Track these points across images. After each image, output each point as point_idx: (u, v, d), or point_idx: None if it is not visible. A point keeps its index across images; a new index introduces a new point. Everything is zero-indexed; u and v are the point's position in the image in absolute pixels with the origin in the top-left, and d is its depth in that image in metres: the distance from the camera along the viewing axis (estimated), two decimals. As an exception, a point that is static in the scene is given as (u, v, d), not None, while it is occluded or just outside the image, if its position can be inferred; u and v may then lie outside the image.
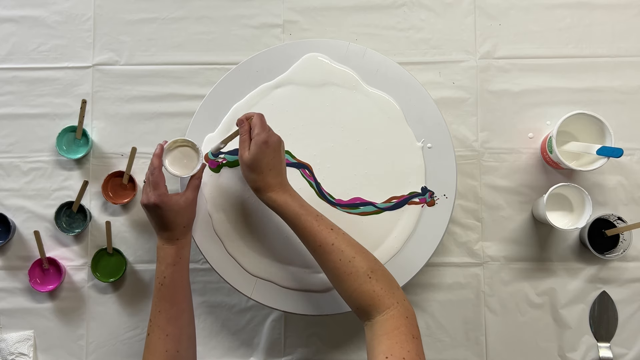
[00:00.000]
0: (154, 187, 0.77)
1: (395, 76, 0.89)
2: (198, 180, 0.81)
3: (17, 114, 0.97)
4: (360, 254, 0.71)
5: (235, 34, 0.98)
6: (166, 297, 0.76)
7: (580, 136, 0.91)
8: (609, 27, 0.97)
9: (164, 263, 0.77)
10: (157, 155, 0.79)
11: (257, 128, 0.75)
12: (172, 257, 0.77)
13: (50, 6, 0.99)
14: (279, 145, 0.76)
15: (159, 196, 0.76)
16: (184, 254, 0.79)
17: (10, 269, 0.95)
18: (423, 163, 0.87)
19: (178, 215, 0.78)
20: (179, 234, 0.78)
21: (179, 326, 0.76)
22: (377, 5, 0.98)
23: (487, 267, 0.94)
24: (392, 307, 0.66)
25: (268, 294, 0.85)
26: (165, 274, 0.77)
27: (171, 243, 0.78)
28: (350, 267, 0.69)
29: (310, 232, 0.72)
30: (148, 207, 0.77)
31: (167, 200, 0.77)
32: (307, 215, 0.73)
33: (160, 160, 0.79)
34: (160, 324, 0.75)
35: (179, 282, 0.77)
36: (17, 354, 0.92)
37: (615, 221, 0.91)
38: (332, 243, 0.71)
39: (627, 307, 0.93)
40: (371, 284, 0.68)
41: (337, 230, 0.73)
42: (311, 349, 0.93)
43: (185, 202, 0.78)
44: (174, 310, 0.76)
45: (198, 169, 0.81)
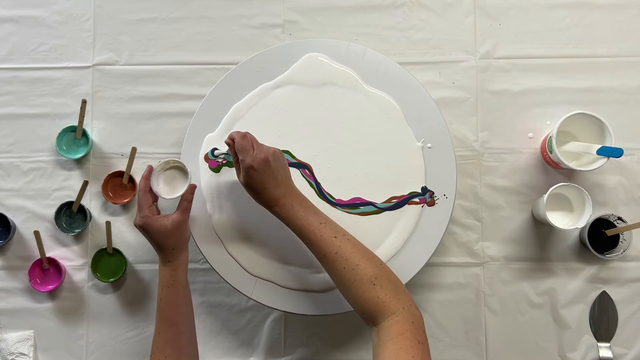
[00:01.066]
0: (139, 209, 0.78)
1: (395, 76, 0.89)
2: (187, 202, 0.80)
3: (17, 114, 0.97)
4: (365, 259, 0.70)
5: (235, 34, 0.98)
6: (164, 319, 0.77)
7: (580, 136, 0.91)
8: (609, 27, 0.97)
9: (160, 284, 0.78)
10: (144, 177, 0.80)
11: (241, 154, 0.75)
12: (166, 279, 0.78)
13: (50, 6, 0.99)
14: (268, 162, 0.74)
15: (142, 218, 0.77)
16: (178, 275, 0.78)
17: (10, 269, 0.95)
18: (423, 163, 0.87)
19: (165, 238, 0.77)
20: (169, 256, 0.78)
21: (177, 347, 0.76)
22: (377, 5, 0.98)
23: (487, 267, 0.94)
24: (397, 312, 0.66)
25: (268, 294, 0.85)
26: (162, 295, 0.77)
27: (165, 264, 0.78)
28: (354, 275, 0.69)
29: (314, 242, 0.73)
30: (137, 228, 0.78)
31: (151, 223, 0.77)
32: (309, 226, 0.73)
33: (146, 182, 0.80)
34: (159, 346, 0.76)
35: (175, 304, 0.77)
36: (17, 354, 0.92)
37: (615, 221, 0.91)
38: (336, 252, 0.71)
39: (627, 307, 0.93)
40: (375, 290, 0.67)
41: (341, 236, 0.73)
42: (311, 349, 0.93)
43: (172, 224, 0.77)
44: (172, 331, 0.76)
45: (185, 190, 0.80)
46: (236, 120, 0.88)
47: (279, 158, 0.76)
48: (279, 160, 0.76)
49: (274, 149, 0.77)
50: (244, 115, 0.88)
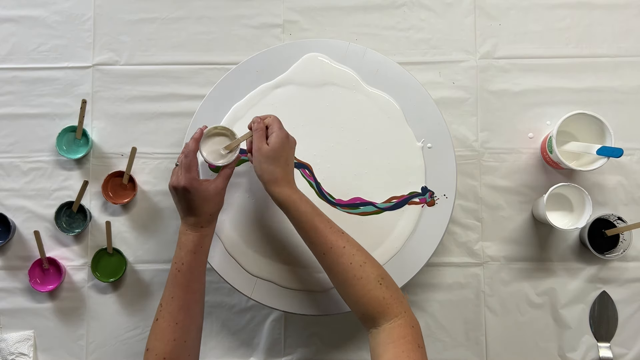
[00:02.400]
0: (186, 170, 0.75)
1: (395, 76, 0.89)
2: (230, 170, 0.79)
3: (17, 114, 0.97)
4: (370, 259, 0.70)
5: (235, 34, 0.98)
6: (181, 284, 0.74)
7: (580, 136, 0.91)
8: (609, 27, 0.97)
9: (184, 249, 0.75)
10: (195, 139, 0.78)
11: (277, 125, 0.77)
12: (193, 244, 0.75)
13: (50, 6, 0.99)
14: (294, 146, 0.77)
15: (190, 180, 0.75)
16: (206, 242, 0.77)
17: (10, 269, 0.95)
18: (423, 163, 0.87)
19: (205, 202, 0.76)
20: (203, 222, 0.77)
21: (190, 315, 0.74)
22: (377, 5, 0.98)
23: (487, 267, 0.94)
24: (399, 315, 0.66)
25: (268, 294, 0.85)
26: (184, 260, 0.75)
27: (195, 230, 0.76)
28: (362, 272, 0.69)
29: (322, 233, 0.72)
30: (177, 189, 0.76)
31: (197, 185, 0.75)
32: (319, 217, 0.73)
33: (196, 145, 0.78)
34: (171, 311, 0.73)
35: (196, 271, 0.76)
36: (17, 354, 0.92)
37: (615, 221, 0.91)
38: (344, 246, 0.71)
39: (627, 307, 0.93)
40: (382, 290, 0.67)
41: (346, 235, 0.73)
42: (311, 349, 0.93)
43: (215, 189, 0.76)
44: (188, 298, 0.74)
45: (233, 160, 0.79)
46: (236, 120, 0.88)
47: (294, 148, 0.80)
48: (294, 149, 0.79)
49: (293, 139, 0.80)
50: (244, 115, 0.88)
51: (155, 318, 0.74)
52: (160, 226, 0.95)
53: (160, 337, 0.72)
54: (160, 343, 0.72)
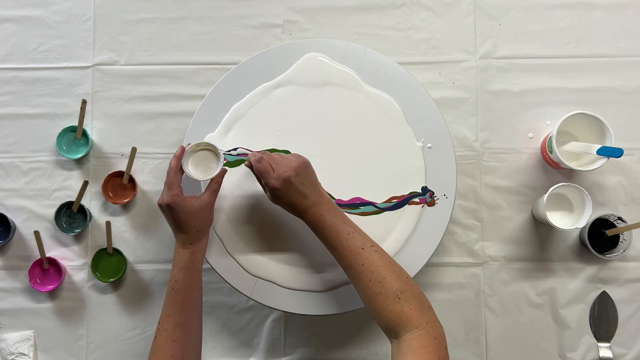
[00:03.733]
0: (168, 188, 0.77)
1: (395, 76, 0.89)
2: (216, 184, 0.79)
3: (17, 114, 0.97)
4: (391, 273, 0.70)
5: (235, 34, 0.98)
6: (176, 302, 0.76)
7: (580, 136, 0.91)
8: (609, 27, 0.97)
9: (177, 267, 0.77)
10: (176, 156, 0.79)
11: (263, 178, 0.76)
12: (184, 262, 0.77)
13: (50, 6, 0.99)
14: (290, 180, 0.74)
15: (172, 197, 0.76)
16: (197, 259, 0.78)
17: (10, 269, 0.95)
18: (423, 163, 0.87)
19: (191, 218, 0.77)
20: (192, 238, 0.77)
21: (186, 332, 0.75)
22: (377, 5, 0.98)
23: (487, 267, 0.94)
24: (420, 327, 0.66)
25: (268, 294, 0.85)
26: (177, 277, 0.76)
27: (185, 247, 0.77)
28: (380, 288, 0.69)
29: (341, 252, 0.73)
30: (162, 207, 0.77)
31: (180, 202, 0.76)
32: (337, 236, 0.73)
33: (178, 162, 0.78)
34: (167, 329, 0.75)
35: (189, 288, 0.77)
36: (17, 354, 0.92)
37: (615, 221, 0.91)
38: (362, 264, 0.71)
39: (627, 307, 0.93)
40: (400, 304, 0.67)
41: (368, 247, 0.72)
42: (311, 349, 0.93)
43: (200, 205, 0.77)
44: (183, 315, 0.75)
45: (217, 173, 0.79)
46: (236, 120, 0.88)
47: (302, 170, 0.75)
48: (301, 173, 0.75)
49: (295, 162, 0.75)
50: (244, 115, 0.88)
51: (154, 336, 0.75)
52: (160, 226, 0.95)
53: (158, 355, 0.74)
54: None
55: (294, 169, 0.74)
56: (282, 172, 0.74)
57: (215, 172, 0.80)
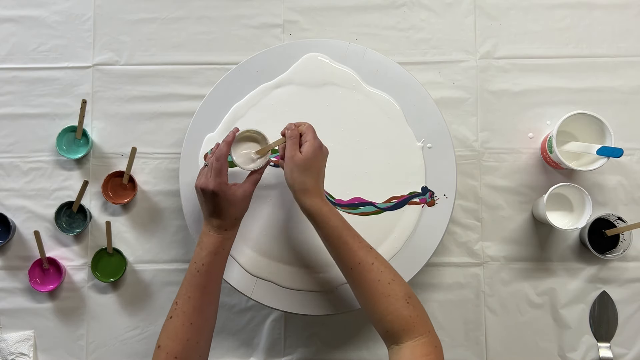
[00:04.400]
0: (216, 174, 0.75)
1: (395, 76, 0.89)
2: (259, 175, 0.79)
3: (17, 114, 0.97)
4: (397, 277, 0.70)
5: (235, 34, 0.98)
6: (199, 285, 0.74)
7: (580, 136, 0.91)
8: (609, 27, 0.97)
9: (205, 250, 0.75)
10: (227, 142, 0.77)
11: (311, 133, 0.76)
12: (215, 246, 0.75)
13: (50, 6, 0.99)
14: (327, 156, 0.76)
15: (219, 184, 0.74)
16: (227, 245, 0.77)
17: (10, 269, 0.95)
18: (423, 163, 0.87)
19: (232, 206, 0.76)
20: (227, 225, 0.76)
21: (204, 317, 0.74)
22: (377, 5, 0.98)
23: (487, 267, 0.94)
24: (424, 334, 0.66)
25: (268, 294, 0.85)
26: (204, 261, 0.74)
27: (218, 232, 0.76)
28: (389, 289, 0.68)
29: (351, 247, 0.72)
30: (205, 191, 0.75)
31: (226, 189, 0.75)
32: (348, 231, 0.73)
33: (228, 148, 0.77)
34: (186, 311, 0.73)
35: (215, 273, 0.75)
36: (17, 354, 0.92)
37: (615, 221, 0.91)
38: (372, 262, 0.70)
39: (627, 307, 0.93)
40: (408, 309, 0.67)
41: (375, 251, 0.73)
42: (311, 349, 0.93)
43: (243, 194, 0.76)
44: (204, 299, 0.74)
45: (263, 165, 0.79)
46: (236, 120, 0.88)
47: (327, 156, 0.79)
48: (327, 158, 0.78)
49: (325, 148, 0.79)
50: (244, 115, 0.89)
51: (169, 316, 0.73)
52: (160, 226, 0.95)
53: (173, 336, 0.72)
54: (172, 342, 0.71)
55: (327, 151, 0.78)
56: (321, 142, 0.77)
57: (263, 163, 0.79)
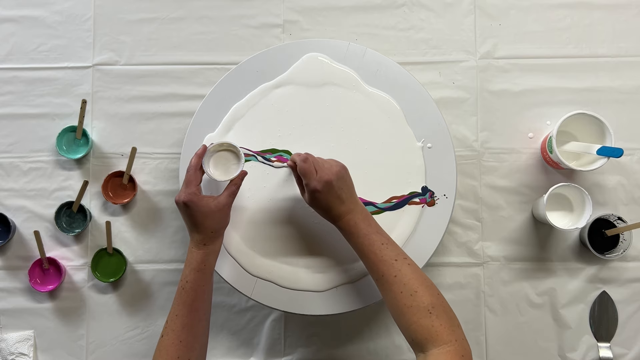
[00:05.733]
0: (186, 185, 0.76)
1: (395, 76, 0.89)
2: (235, 186, 0.78)
3: (17, 114, 0.97)
4: (424, 287, 0.70)
5: (235, 34, 0.98)
6: (185, 302, 0.75)
7: (580, 136, 0.91)
8: (609, 27, 0.97)
9: (189, 267, 0.76)
10: (198, 154, 0.78)
11: (305, 178, 0.75)
12: (197, 263, 0.76)
13: (50, 6, 0.99)
14: (331, 183, 0.74)
15: (189, 195, 0.75)
16: (210, 261, 0.77)
17: (10, 269, 0.95)
18: (423, 163, 0.87)
19: (207, 218, 0.76)
20: (206, 239, 0.76)
21: (193, 334, 0.74)
22: (377, 5, 0.98)
23: (487, 267, 0.94)
24: (449, 343, 0.66)
25: (268, 294, 0.85)
26: (188, 278, 0.75)
27: (198, 247, 0.76)
28: (411, 301, 0.68)
29: (373, 262, 0.72)
30: (178, 204, 0.76)
31: (197, 201, 0.75)
32: (371, 245, 0.73)
33: (199, 160, 0.78)
34: (175, 329, 0.74)
35: (200, 289, 0.76)
36: (17, 354, 0.92)
37: (615, 221, 0.91)
38: (395, 275, 0.70)
39: (627, 307, 0.93)
40: (431, 319, 0.67)
41: (401, 260, 0.72)
42: (311, 349, 0.93)
43: (217, 206, 0.76)
44: (191, 317, 0.75)
45: (236, 175, 0.79)
46: (236, 120, 0.88)
47: (343, 176, 0.76)
48: (342, 178, 0.76)
49: (337, 167, 0.76)
50: (244, 115, 0.89)
51: (161, 334, 0.75)
52: (160, 226, 0.95)
53: (164, 355, 0.73)
54: None
55: (335, 173, 0.75)
56: (324, 175, 0.74)
57: (234, 174, 0.79)
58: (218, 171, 0.80)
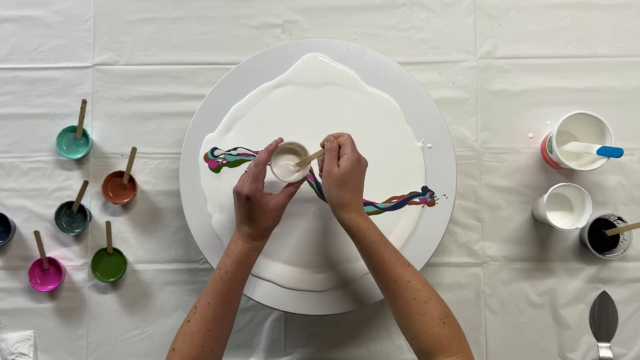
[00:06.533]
0: (253, 179, 0.75)
1: (395, 76, 0.89)
2: (294, 189, 0.78)
3: (17, 114, 0.97)
4: (435, 296, 0.69)
5: (235, 34, 0.98)
6: (220, 293, 0.73)
7: (580, 136, 0.91)
8: (609, 27, 0.97)
9: (231, 257, 0.75)
10: (269, 150, 0.77)
11: (350, 146, 0.75)
12: (240, 255, 0.75)
13: (50, 6, 0.99)
14: (365, 169, 0.75)
15: (254, 190, 0.74)
16: (253, 256, 0.77)
17: (10, 269, 0.95)
18: (423, 163, 0.87)
19: (263, 215, 0.75)
20: (256, 235, 0.76)
21: (221, 325, 0.73)
22: (377, 5, 0.98)
23: (487, 267, 0.94)
24: (458, 354, 0.65)
25: (268, 294, 0.85)
26: (228, 269, 0.74)
27: (246, 241, 0.76)
28: (425, 308, 0.67)
29: (388, 264, 0.71)
30: (239, 195, 0.75)
31: (260, 197, 0.75)
32: (386, 247, 0.72)
33: (268, 156, 0.77)
34: (205, 316, 0.72)
35: (237, 283, 0.75)
36: (17, 354, 0.92)
37: (615, 221, 0.91)
38: (409, 280, 0.69)
39: (627, 307, 0.93)
40: (444, 328, 0.66)
41: (413, 268, 0.72)
42: (311, 349, 0.93)
43: (275, 205, 0.75)
44: (223, 308, 0.73)
45: (299, 179, 0.78)
46: (236, 120, 0.88)
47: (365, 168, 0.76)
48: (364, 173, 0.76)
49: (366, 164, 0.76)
50: (244, 115, 0.89)
51: (187, 319, 0.73)
52: (160, 226, 0.95)
53: (189, 341, 0.71)
54: (188, 347, 0.71)
55: (366, 164, 0.75)
56: (361, 156, 0.75)
57: (298, 176, 0.78)
58: (279, 170, 0.79)
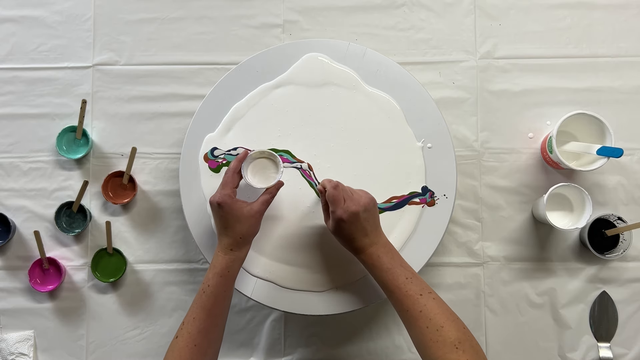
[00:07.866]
0: (222, 187, 0.76)
1: (395, 76, 0.89)
2: (270, 195, 0.78)
3: (17, 114, 0.97)
4: (450, 322, 0.69)
5: (235, 34, 0.98)
6: (204, 307, 0.74)
7: (580, 136, 0.91)
8: (609, 27, 0.97)
9: (212, 270, 0.75)
10: (239, 159, 0.78)
11: (332, 205, 0.75)
12: (221, 268, 0.75)
13: (50, 6, 0.99)
14: (357, 215, 0.74)
15: (223, 196, 0.75)
16: (234, 268, 0.76)
17: (10, 269, 0.95)
18: (423, 163, 0.87)
19: (237, 222, 0.75)
20: (234, 244, 0.76)
21: (208, 339, 0.74)
22: (377, 5, 0.98)
23: (487, 267, 0.94)
24: None
25: (268, 294, 0.85)
26: (210, 282, 0.75)
27: (225, 252, 0.76)
28: (437, 336, 0.67)
29: (398, 297, 0.71)
30: (212, 204, 0.76)
31: (230, 203, 0.75)
32: (395, 280, 0.72)
33: (238, 164, 0.78)
34: (191, 332, 0.73)
35: (221, 295, 0.75)
36: (17, 354, 0.92)
37: (615, 221, 0.91)
38: (420, 310, 0.69)
39: (627, 307, 0.93)
40: (457, 354, 0.66)
41: (426, 294, 0.71)
42: (311, 349, 0.93)
43: (249, 212, 0.75)
44: (208, 322, 0.74)
45: (272, 185, 0.78)
46: (236, 120, 0.88)
47: (370, 208, 0.76)
48: (369, 210, 0.75)
49: (365, 199, 0.76)
50: (244, 115, 0.89)
51: (175, 335, 0.74)
52: (160, 226, 0.95)
53: (177, 357, 0.72)
54: None
55: (363, 205, 0.75)
56: (352, 205, 0.74)
57: (270, 183, 0.78)
58: (256, 178, 0.80)
